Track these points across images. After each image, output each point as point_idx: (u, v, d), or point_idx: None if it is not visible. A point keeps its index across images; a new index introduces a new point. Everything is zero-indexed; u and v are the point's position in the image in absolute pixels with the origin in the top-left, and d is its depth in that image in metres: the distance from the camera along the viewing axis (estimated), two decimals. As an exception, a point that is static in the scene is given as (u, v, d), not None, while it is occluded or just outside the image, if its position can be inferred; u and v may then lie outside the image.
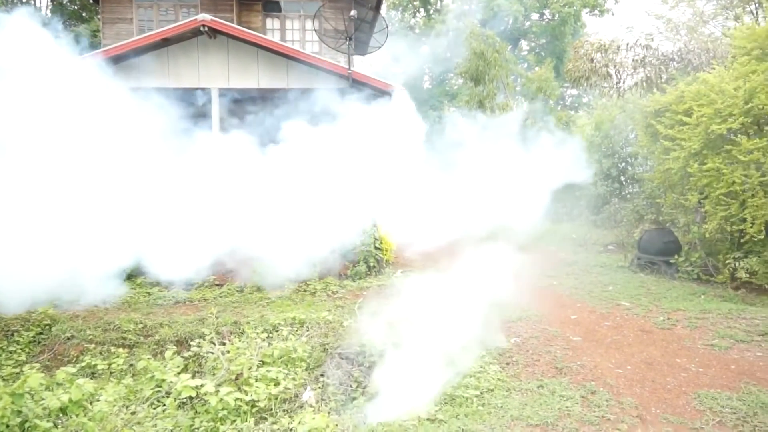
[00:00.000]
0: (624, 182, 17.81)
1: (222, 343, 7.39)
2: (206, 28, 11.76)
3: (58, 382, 5.98)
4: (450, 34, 28.71)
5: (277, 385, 6.28)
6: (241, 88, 12.77)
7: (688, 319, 8.15)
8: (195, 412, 5.87)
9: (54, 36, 8.24)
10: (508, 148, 14.16)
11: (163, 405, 6.01)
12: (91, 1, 21.82)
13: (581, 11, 32.50)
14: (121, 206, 8.41)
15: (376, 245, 11.15)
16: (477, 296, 7.28)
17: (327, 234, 9.99)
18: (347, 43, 12.97)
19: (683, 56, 14.18)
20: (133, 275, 10.00)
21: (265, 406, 6.00)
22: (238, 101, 13.19)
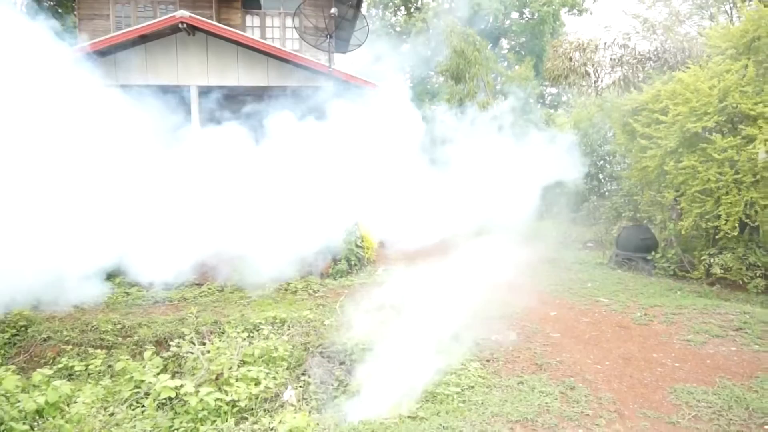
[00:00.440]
0: (602, 180, 18.02)
1: (202, 343, 7.33)
2: (185, 25, 11.65)
3: (35, 384, 5.90)
4: (431, 32, 28.75)
5: (257, 384, 6.26)
6: (221, 86, 12.67)
7: (665, 314, 8.27)
8: (174, 412, 5.83)
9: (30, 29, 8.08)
10: (490, 147, 14.23)
11: (142, 406, 5.97)
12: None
13: (560, 10, 32.76)
14: (100, 205, 8.29)
15: (358, 243, 11.14)
16: (457, 294, 7.32)
17: (308, 232, 9.95)
18: (328, 40, 12.94)
19: (660, 55, 14.35)
20: (112, 275, 9.86)
21: (246, 405, 5.98)
22: (219, 99, 13.09)
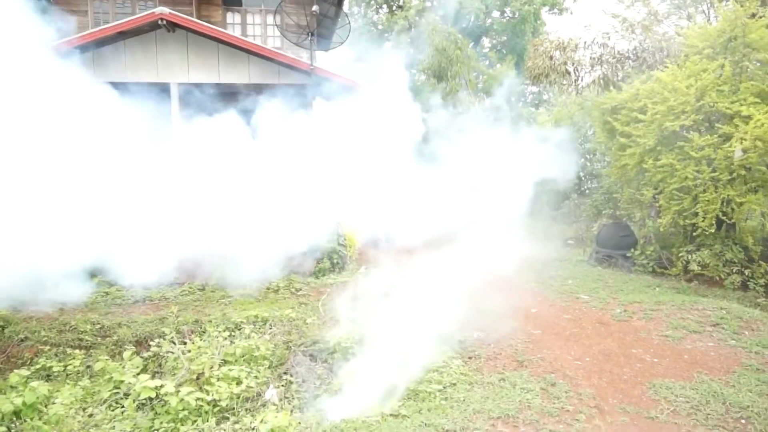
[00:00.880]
0: (583, 178, 18.19)
1: (183, 343, 7.26)
2: (164, 22, 11.51)
3: (12, 385, 5.81)
4: (413, 30, 28.75)
5: (239, 384, 6.22)
6: (202, 84, 12.54)
7: (644, 311, 8.38)
8: (155, 413, 5.77)
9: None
10: (473, 145, 14.28)
11: (122, 407, 5.90)
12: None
13: (541, 9, 32.95)
14: (79, 203, 8.16)
15: (340, 242, 11.12)
16: (438, 291, 7.34)
17: (290, 231, 9.91)
18: (309, 38, 12.88)
19: (638, 55, 14.49)
20: (91, 275, 9.72)
21: (227, 405, 5.94)
22: (199, 97, 12.96)
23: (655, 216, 11.71)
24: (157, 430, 5.51)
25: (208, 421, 5.61)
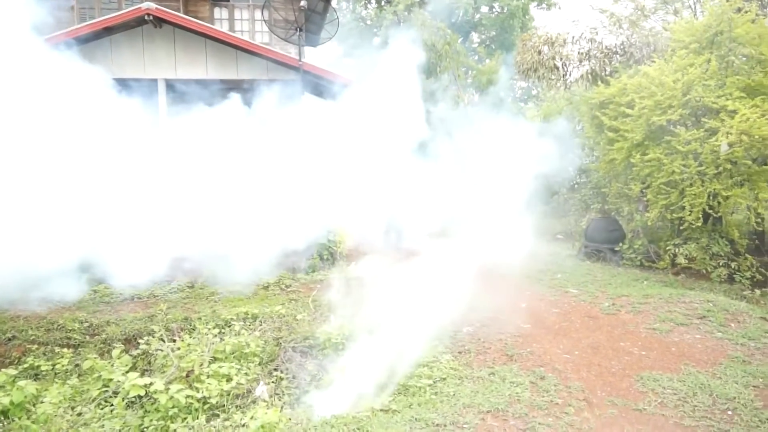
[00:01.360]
0: (572, 173, 18.23)
1: (172, 340, 7.24)
2: (151, 17, 11.41)
3: (-1, 384, 5.76)
4: (401, 25, 28.69)
5: (229, 380, 6.20)
6: (190, 80, 12.45)
7: (632, 304, 8.45)
8: (144, 411, 5.75)
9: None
10: (461, 141, 14.27)
11: (111, 405, 5.86)
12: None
13: (529, 4, 33.01)
14: (66, 200, 8.09)
15: (330, 238, 11.10)
16: (428, 286, 7.35)
17: (280, 228, 9.88)
18: (297, 33, 12.81)
19: (626, 49, 14.57)
20: (80, 273, 9.64)
21: (217, 402, 5.92)
22: (187, 93, 12.86)
23: (642, 210, 11.79)
24: (147, 428, 5.48)
25: (198, 418, 5.58)
